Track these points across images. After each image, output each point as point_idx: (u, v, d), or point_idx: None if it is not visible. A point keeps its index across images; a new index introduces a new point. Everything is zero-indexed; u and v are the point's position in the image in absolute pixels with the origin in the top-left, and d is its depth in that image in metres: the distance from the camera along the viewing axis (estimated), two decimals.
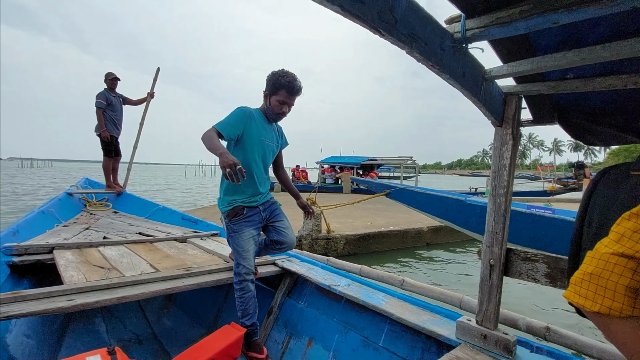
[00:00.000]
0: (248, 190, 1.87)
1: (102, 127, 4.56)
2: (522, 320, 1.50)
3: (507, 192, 1.36)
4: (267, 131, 1.89)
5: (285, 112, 1.83)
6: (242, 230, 1.83)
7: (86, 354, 1.30)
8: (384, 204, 9.61)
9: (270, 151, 1.93)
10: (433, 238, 6.92)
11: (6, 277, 1.88)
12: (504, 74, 1.20)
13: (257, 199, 1.90)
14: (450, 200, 3.90)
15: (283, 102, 1.79)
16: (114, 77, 4.75)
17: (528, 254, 1.33)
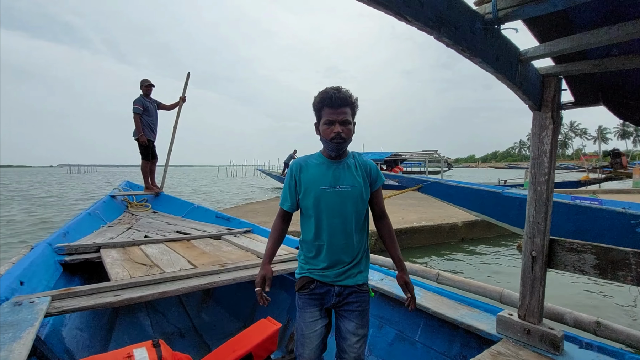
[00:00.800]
0: (323, 259, 1.40)
1: (139, 132, 4.80)
2: (569, 314, 1.42)
3: (549, 179, 1.28)
4: (329, 174, 1.37)
5: (339, 132, 1.30)
6: (305, 308, 1.42)
7: (133, 346, 1.39)
8: (415, 199, 9.40)
9: (347, 198, 1.36)
10: (468, 233, 6.66)
11: (59, 275, 2.04)
12: (541, 54, 1.13)
13: (331, 274, 1.38)
14: (486, 193, 3.74)
15: (330, 121, 1.31)
16: (148, 83, 4.99)
17: (574, 245, 1.25)
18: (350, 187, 1.36)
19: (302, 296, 1.43)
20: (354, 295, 1.39)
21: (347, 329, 1.38)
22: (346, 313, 1.39)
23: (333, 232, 1.36)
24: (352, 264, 1.39)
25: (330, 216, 1.36)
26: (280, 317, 2.05)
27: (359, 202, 1.37)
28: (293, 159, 18.53)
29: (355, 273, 1.40)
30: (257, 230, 3.22)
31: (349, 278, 1.39)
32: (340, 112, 1.30)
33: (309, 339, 1.39)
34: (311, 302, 1.42)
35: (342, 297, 1.39)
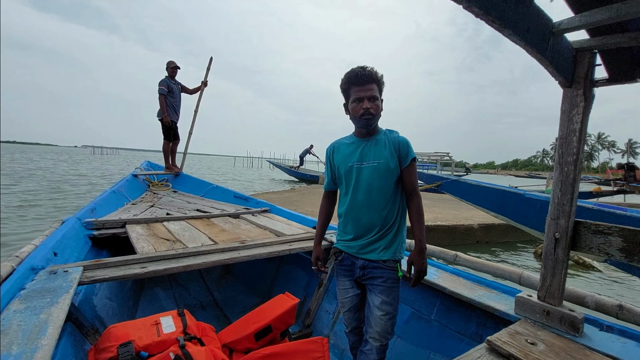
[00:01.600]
0: (349, 231, 1.47)
1: (164, 113, 4.89)
2: (591, 297, 1.39)
3: (577, 160, 1.24)
4: (357, 151, 1.43)
5: (367, 108, 1.34)
6: (338, 276, 1.56)
7: (160, 314, 1.46)
8: (431, 200, 9.24)
9: (373, 173, 1.39)
10: (484, 236, 6.46)
11: (88, 248, 2.14)
12: (576, 25, 1.07)
13: (355, 244, 1.45)
14: (507, 193, 3.64)
15: (359, 98, 1.35)
16: (174, 65, 5.05)
17: (600, 227, 1.22)
18: (376, 162, 1.39)
19: (336, 266, 1.56)
20: (378, 270, 1.41)
21: (373, 303, 1.41)
22: (372, 287, 1.43)
23: (359, 205, 1.42)
24: (375, 238, 1.41)
25: (356, 191, 1.42)
26: (297, 293, 2.10)
27: (384, 177, 1.38)
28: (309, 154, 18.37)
29: (379, 247, 1.41)
30: (275, 210, 3.27)
31: (372, 252, 1.42)
32: (367, 88, 1.34)
33: (343, 304, 1.54)
34: (341, 272, 1.53)
35: (366, 270, 1.43)
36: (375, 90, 1.35)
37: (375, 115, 1.37)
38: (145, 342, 1.26)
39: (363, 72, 1.34)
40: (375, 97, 1.35)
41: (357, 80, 1.34)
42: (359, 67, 1.36)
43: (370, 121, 1.37)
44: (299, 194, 9.48)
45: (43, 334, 0.97)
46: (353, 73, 1.35)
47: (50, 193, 9.93)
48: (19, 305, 1.12)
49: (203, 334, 1.49)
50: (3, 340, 0.93)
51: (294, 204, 7.08)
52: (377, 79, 1.36)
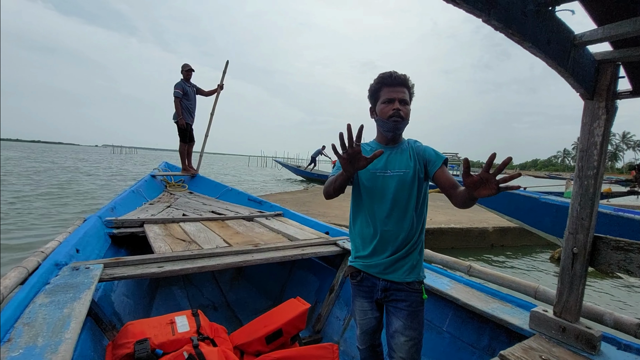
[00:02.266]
0: (368, 248, 1.35)
1: (179, 115, 5.02)
2: (609, 315, 1.35)
3: (597, 173, 1.21)
4: (381, 159, 1.34)
5: (398, 109, 1.27)
6: (355, 296, 1.43)
7: (175, 314, 1.50)
8: (445, 201, 9.06)
9: (398, 183, 1.30)
10: (499, 240, 6.35)
11: (108, 246, 2.21)
12: (598, 38, 1.06)
13: (376, 263, 1.32)
14: (521, 197, 3.58)
15: (390, 99, 1.28)
16: (189, 68, 5.18)
17: (621, 243, 1.19)
18: (402, 172, 1.31)
19: (352, 285, 1.43)
20: (401, 292, 1.30)
21: (395, 328, 1.30)
22: (394, 310, 1.32)
23: (383, 217, 1.31)
24: (400, 255, 1.30)
25: (380, 201, 1.32)
26: (308, 298, 2.11)
27: (411, 187, 1.30)
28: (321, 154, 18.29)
29: (402, 267, 1.31)
30: (288, 214, 3.30)
31: (396, 272, 1.31)
32: (399, 90, 1.30)
33: (361, 326, 1.42)
34: (360, 293, 1.40)
35: (389, 292, 1.32)
36: (406, 94, 1.31)
37: (404, 120, 1.31)
38: (161, 340, 1.29)
39: (397, 74, 1.31)
40: (406, 101, 1.31)
41: (390, 80, 1.30)
42: (392, 71, 1.32)
43: (398, 124, 1.30)
44: (311, 195, 9.50)
45: (66, 327, 1.01)
46: (386, 74, 1.31)
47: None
48: (44, 299, 1.17)
49: (215, 335, 1.52)
50: (29, 332, 0.97)
51: (306, 204, 7.10)
52: (409, 86, 1.33)
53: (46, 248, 1.60)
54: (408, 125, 1.36)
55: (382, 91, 1.32)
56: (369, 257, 1.35)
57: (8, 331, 0.98)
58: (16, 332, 0.98)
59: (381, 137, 1.40)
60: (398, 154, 1.35)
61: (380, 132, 1.38)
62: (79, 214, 6.65)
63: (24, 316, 1.06)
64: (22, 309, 1.10)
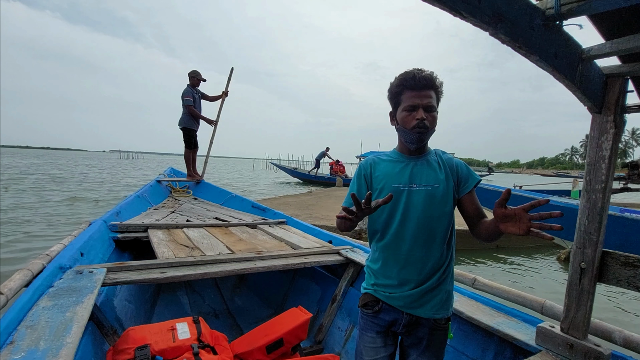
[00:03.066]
0: (393, 275, 1.15)
1: (203, 118, 5.18)
2: (619, 333, 1.32)
3: (606, 187, 1.20)
4: (405, 171, 1.16)
5: (422, 118, 1.08)
6: (366, 330, 1.20)
7: (176, 320, 1.49)
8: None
9: (426, 199, 1.12)
10: (504, 241, 6.34)
11: (112, 250, 2.22)
12: (606, 52, 1.05)
13: (401, 295, 1.13)
14: (526, 199, 3.59)
15: (412, 105, 1.09)
16: (199, 77, 5.22)
17: (630, 259, 1.16)
18: (430, 187, 1.13)
19: (364, 316, 1.21)
20: (426, 329, 1.14)
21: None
22: (413, 346, 1.16)
23: (409, 239, 1.13)
24: (428, 287, 1.12)
25: (405, 219, 1.13)
26: (310, 308, 2.10)
27: (441, 204, 1.12)
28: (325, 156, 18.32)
29: (433, 300, 1.13)
30: (292, 222, 3.29)
31: (425, 306, 1.12)
32: (424, 95, 1.09)
33: None
34: (373, 327, 1.18)
35: (411, 328, 1.14)
36: (433, 98, 1.11)
37: (430, 130, 1.11)
38: (161, 346, 1.28)
39: (421, 74, 1.09)
40: (433, 107, 1.11)
41: (413, 83, 1.08)
42: (416, 69, 1.11)
43: (422, 136, 1.11)
44: (315, 198, 9.47)
45: (68, 332, 1.01)
46: (409, 74, 1.09)
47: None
48: (48, 302, 1.18)
49: (216, 343, 1.51)
50: (32, 336, 0.97)
51: (309, 207, 7.08)
52: (437, 86, 1.12)
53: (51, 251, 1.61)
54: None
55: (403, 95, 1.12)
56: (394, 287, 1.15)
57: (11, 333, 0.98)
58: (19, 334, 0.98)
59: (403, 147, 1.21)
60: (424, 165, 1.17)
61: (402, 142, 1.20)
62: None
63: (27, 319, 1.06)
64: (26, 312, 1.10)
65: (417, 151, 1.19)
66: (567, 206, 3.20)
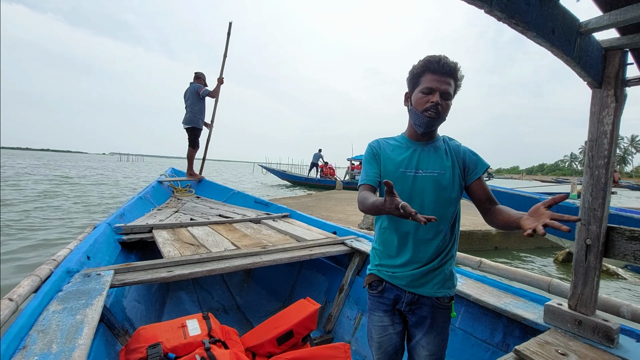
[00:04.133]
0: (397, 255, 1.19)
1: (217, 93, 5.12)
2: (627, 307, 1.32)
3: (608, 162, 1.19)
4: (411, 156, 1.17)
5: (437, 102, 1.08)
6: (373, 310, 1.25)
7: (186, 317, 1.50)
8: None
9: (432, 185, 1.14)
10: (503, 242, 6.32)
11: (118, 252, 2.23)
12: (605, 25, 1.04)
13: (404, 274, 1.16)
14: (522, 198, 3.61)
15: (430, 88, 1.09)
16: (204, 79, 5.22)
17: (636, 233, 1.16)
18: (436, 173, 1.14)
19: (371, 297, 1.26)
20: (428, 308, 1.16)
21: (417, 340, 1.19)
22: (418, 324, 1.19)
23: (410, 224, 1.14)
24: (431, 267, 1.15)
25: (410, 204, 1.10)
26: (318, 299, 2.11)
27: (446, 191, 1.13)
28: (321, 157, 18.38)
29: (433, 280, 1.16)
30: (295, 215, 3.30)
31: (425, 285, 1.16)
32: (444, 80, 1.08)
33: (378, 344, 1.22)
34: (380, 306, 1.23)
35: (415, 306, 1.17)
36: (451, 87, 1.10)
37: (441, 116, 1.11)
38: (173, 343, 1.30)
39: (446, 60, 1.08)
40: (449, 95, 1.11)
41: (437, 66, 1.08)
42: (443, 55, 1.09)
43: (433, 121, 1.11)
44: (315, 199, 9.53)
45: (79, 334, 1.02)
46: (434, 57, 1.09)
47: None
48: (57, 306, 1.19)
49: (227, 338, 1.52)
50: (44, 339, 0.98)
51: (309, 208, 7.11)
52: (457, 77, 1.11)
53: (58, 256, 1.62)
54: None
55: (424, 77, 1.11)
56: (397, 267, 1.18)
57: (23, 338, 0.99)
58: (31, 339, 0.99)
59: (411, 131, 1.21)
60: (431, 151, 1.17)
61: (411, 124, 1.19)
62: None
63: (38, 323, 1.07)
64: (36, 317, 1.11)
65: (425, 137, 1.19)
66: (563, 204, 3.22)
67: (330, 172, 19.49)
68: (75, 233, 5.65)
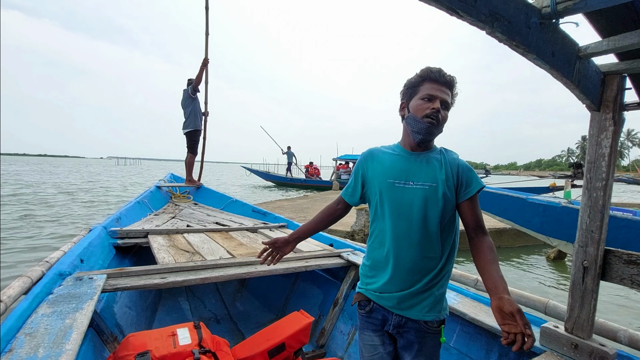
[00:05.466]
0: (383, 274, 1.14)
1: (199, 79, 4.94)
2: (624, 332, 1.31)
3: (606, 185, 1.19)
4: (402, 166, 1.13)
5: (437, 109, 1.07)
6: (363, 329, 1.22)
7: (176, 326, 1.48)
8: None
9: (421, 199, 1.08)
10: (495, 241, 6.15)
11: (112, 256, 2.21)
12: (603, 50, 1.06)
13: (390, 295, 1.12)
14: (509, 198, 3.69)
15: (431, 95, 1.08)
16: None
17: (633, 257, 1.16)
18: (427, 185, 1.08)
19: (360, 315, 1.23)
20: (416, 332, 1.12)
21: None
22: (407, 349, 1.14)
23: (397, 240, 1.10)
24: (420, 288, 1.09)
25: (396, 218, 1.10)
26: (312, 311, 2.08)
27: (436, 205, 1.08)
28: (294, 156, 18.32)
29: (423, 302, 1.10)
30: (292, 226, 3.28)
31: (413, 308, 1.11)
32: (444, 90, 1.09)
33: None
34: (368, 325, 1.19)
35: (402, 329, 1.13)
36: (449, 97, 1.11)
37: (440, 125, 1.09)
38: (162, 352, 1.27)
39: (445, 72, 1.10)
40: (448, 105, 1.11)
41: (437, 76, 1.09)
42: (440, 67, 1.12)
43: (431, 128, 1.08)
44: (310, 201, 9.51)
45: (67, 338, 1.00)
46: (435, 68, 1.10)
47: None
48: (47, 309, 1.17)
49: (217, 348, 1.49)
50: (30, 343, 0.96)
51: (304, 210, 7.09)
52: (454, 90, 1.13)
53: (51, 258, 1.60)
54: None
55: (422, 86, 1.10)
56: (382, 286, 1.14)
57: (10, 341, 0.97)
58: (17, 342, 0.97)
59: (407, 140, 1.16)
60: (424, 162, 1.12)
61: (408, 133, 1.14)
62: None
63: (26, 326, 1.06)
64: (25, 319, 1.10)
65: (420, 146, 1.14)
66: (549, 204, 3.25)
67: (316, 172, 19.63)
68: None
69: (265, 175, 20.73)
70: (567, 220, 3.04)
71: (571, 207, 3.07)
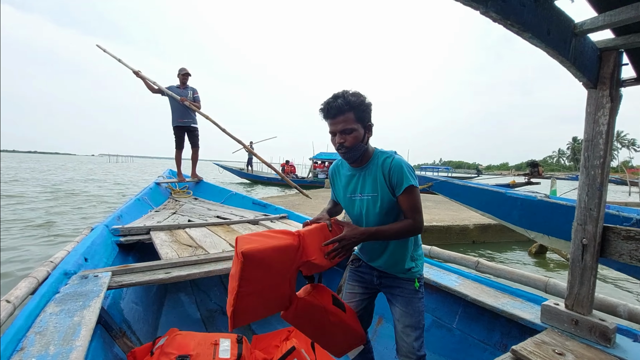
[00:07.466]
0: (364, 253, 1.47)
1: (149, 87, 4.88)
2: (623, 306, 1.33)
3: (604, 162, 1.20)
4: (353, 182, 1.35)
5: (341, 143, 1.23)
6: (349, 279, 1.53)
7: (221, 334, 1.48)
8: (432, 202, 9.25)
9: (369, 207, 1.30)
10: (480, 236, 6.42)
11: (115, 254, 2.23)
12: (599, 25, 1.04)
13: (371, 263, 1.44)
14: (489, 192, 3.83)
15: (331, 132, 1.26)
16: (185, 72, 5.00)
17: (631, 232, 1.17)
18: (370, 196, 1.30)
19: (350, 270, 1.53)
20: (394, 280, 1.38)
21: (395, 316, 1.36)
22: (392, 297, 1.40)
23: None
24: (389, 264, 1.37)
25: (357, 223, 1.36)
26: None
27: (381, 209, 1.28)
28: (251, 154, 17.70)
29: (392, 262, 1.36)
30: (293, 216, 3.29)
31: (390, 268, 1.38)
32: (337, 122, 1.22)
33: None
34: (353, 277, 1.51)
35: (383, 280, 1.41)
36: (348, 121, 1.21)
37: (352, 148, 1.24)
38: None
39: (333, 103, 1.21)
40: (349, 130, 1.22)
41: (327, 114, 1.23)
42: (331, 97, 1.23)
43: (347, 155, 1.26)
44: (302, 198, 9.52)
45: (76, 335, 1.02)
46: (323, 105, 1.24)
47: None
48: (55, 308, 1.18)
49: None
50: (41, 341, 0.98)
51: (295, 207, 7.12)
52: (353, 107, 1.21)
53: (55, 258, 1.61)
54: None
55: (327, 122, 1.27)
56: (367, 259, 1.45)
57: (20, 340, 0.99)
58: (28, 340, 0.99)
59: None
60: (368, 175, 1.31)
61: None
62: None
63: (36, 325, 1.07)
64: (34, 318, 1.11)
65: (356, 164, 1.33)
66: (526, 198, 3.33)
67: (292, 169, 19.98)
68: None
69: (238, 173, 20.68)
70: (542, 213, 3.13)
71: (546, 201, 3.15)
